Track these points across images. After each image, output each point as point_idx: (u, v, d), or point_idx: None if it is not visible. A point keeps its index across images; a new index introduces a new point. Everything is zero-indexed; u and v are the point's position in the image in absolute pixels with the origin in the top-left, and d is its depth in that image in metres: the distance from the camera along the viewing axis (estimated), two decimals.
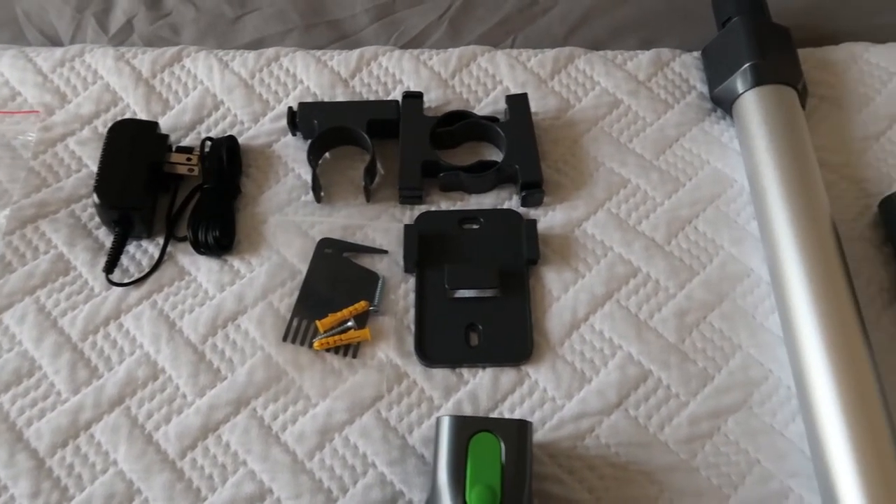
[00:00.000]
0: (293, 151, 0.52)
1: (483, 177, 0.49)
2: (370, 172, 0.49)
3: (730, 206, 0.49)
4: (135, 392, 0.43)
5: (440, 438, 0.36)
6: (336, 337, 0.44)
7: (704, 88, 0.54)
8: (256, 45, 0.57)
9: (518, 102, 0.50)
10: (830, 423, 0.39)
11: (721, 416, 0.43)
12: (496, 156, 0.51)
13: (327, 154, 0.52)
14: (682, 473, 0.41)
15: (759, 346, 0.45)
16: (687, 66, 0.55)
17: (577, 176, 0.51)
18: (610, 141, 0.52)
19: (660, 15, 0.59)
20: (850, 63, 0.55)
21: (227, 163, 0.50)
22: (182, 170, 0.50)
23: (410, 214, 0.49)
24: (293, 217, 0.49)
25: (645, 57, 0.55)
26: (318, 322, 0.44)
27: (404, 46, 0.57)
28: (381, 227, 0.49)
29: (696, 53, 0.55)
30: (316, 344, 0.44)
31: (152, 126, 0.50)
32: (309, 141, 0.50)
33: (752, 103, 0.49)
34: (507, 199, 0.50)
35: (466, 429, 0.36)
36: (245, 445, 0.42)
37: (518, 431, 0.36)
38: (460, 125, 0.50)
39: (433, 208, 0.49)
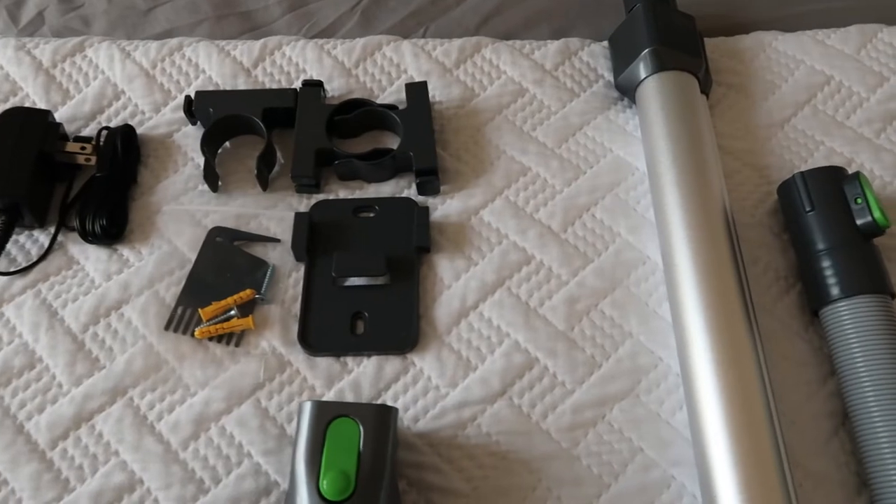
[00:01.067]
0: (193, 141, 0.51)
1: (378, 164, 0.48)
2: (265, 160, 0.48)
3: (629, 193, 0.49)
4: (9, 381, 0.42)
5: (300, 424, 0.36)
6: (218, 325, 0.43)
7: (612, 77, 0.53)
8: (166, 35, 0.57)
9: (417, 90, 0.50)
10: (709, 412, 0.39)
11: (606, 405, 0.42)
12: (396, 145, 0.50)
13: (227, 143, 0.51)
14: (562, 462, 0.40)
15: (651, 333, 0.44)
16: (595, 56, 0.54)
17: (476, 164, 0.50)
18: (512, 129, 0.51)
19: (573, 5, 0.58)
20: (759, 51, 0.54)
21: (122, 152, 0.49)
22: (79, 159, 0.49)
23: (307, 203, 0.49)
24: (187, 206, 0.49)
25: (553, 46, 0.55)
26: (200, 311, 0.44)
27: (316, 37, 0.57)
28: (277, 216, 0.48)
29: (606, 43, 0.55)
30: (197, 332, 0.43)
31: (44, 114, 0.49)
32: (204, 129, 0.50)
33: (651, 89, 0.49)
34: (406, 188, 0.49)
35: (326, 414, 0.35)
36: (118, 435, 0.41)
37: (378, 416, 0.36)
38: (357, 113, 0.50)
39: (331, 197, 0.49)
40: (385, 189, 0.49)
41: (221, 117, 0.49)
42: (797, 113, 0.52)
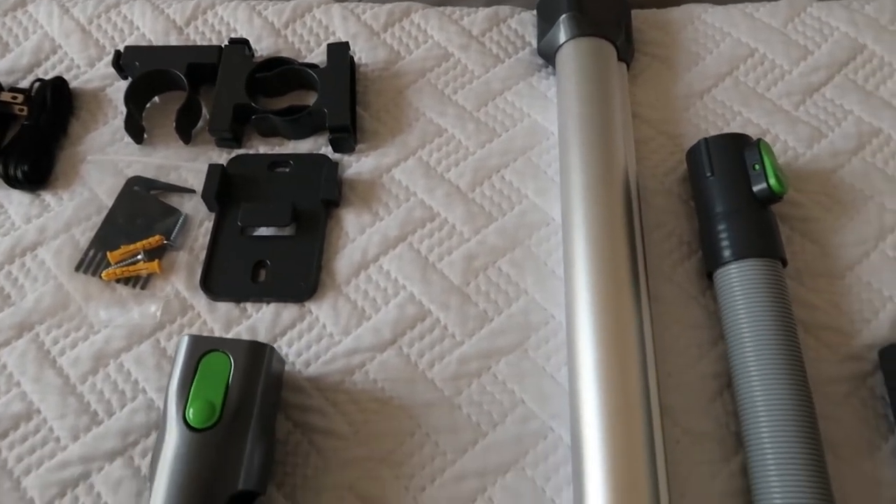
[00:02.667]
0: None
1: (294, 120, 0.49)
2: (186, 114, 0.50)
3: (542, 157, 0.49)
4: None
5: (176, 356, 0.37)
6: (124, 268, 0.45)
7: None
8: None
9: (338, 50, 0.51)
10: (584, 367, 0.39)
11: (493, 357, 0.43)
12: None
13: (156, 98, 0.53)
14: (442, 410, 0.41)
15: (546, 292, 0.45)
16: (524, 24, 0.55)
17: (394, 125, 0.51)
18: (433, 92, 0.52)
19: None
20: (687, 23, 0.54)
21: (51, 103, 0.51)
22: (13, 109, 0.51)
23: (227, 158, 0.50)
24: (112, 156, 0.50)
25: (482, 13, 0.55)
26: (108, 254, 0.45)
27: None
28: (196, 169, 0.49)
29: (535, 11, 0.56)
30: (104, 274, 0.45)
31: None
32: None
33: (568, 55, 0.50)
34: (324, 146, 0.50)
35: (200, 347, 0.37)
36: (20, 367, 0.43)
37: (250, 352, 0.37)
38: (278, 71, 0.51)
39: (251, 152, 0.51)
40: (303, 146, 0.50)
41: (146, 72, 0.50)
42: (718, 84, 0.52)
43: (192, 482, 0.34)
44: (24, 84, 0.53)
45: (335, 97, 0.49)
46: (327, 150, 0.50)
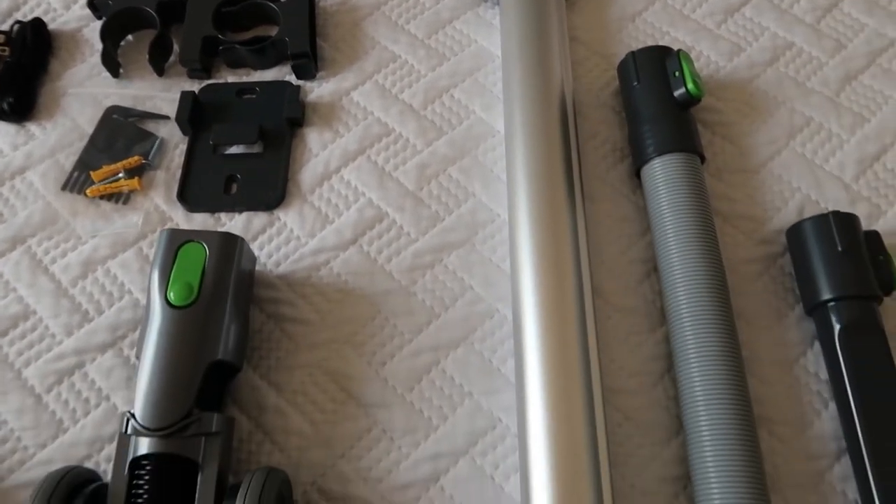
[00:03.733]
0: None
1: (259, 50, 0.53)
2: (158, 48, 0.54)
3: (487, 77, 0.54)
4: None
5: (157, 248, 0.41)
6: (107, 185, 0.49)
7: None
8: None
9: None
10: (523, 254, 0.44)
11: (444, 251, 0.47)
12: None
13: (130, 37, 0.57)
14: (399, 296, 0.46)
15: (491, 194, 0.49)
16: None
17: (352, 53, 0.55)
18: (388, 23, 0.56)
19: None
20: None
21: (31, 42, 0.55)
22: None
23: (198, 87, 0.54)
24: (90, 89, 0.54)
25: None
26: (92, 173, 0.50)
27: None
28: (170, 98, 0.53)
29: None
30: (89, 191, 0.49)
31: None
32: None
33: None
34: (288, 74, 0.55)
35: (177, 239, 0.41)
36: (15, 275, 0.47)
37: (223, 241, 0.41)
38: (242, 5, 0.55)
39: (220, 81, 0.55)
40: (268, 75, 0.55)
41: (119, 9, 0.54)
42: (648, 7, 0.56)
43: (176, 354, 0.38)
44: (4, 27, 0.57)
45: (296, 27, 0.53)
46: (291, 78, 0.54)
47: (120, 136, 0.51)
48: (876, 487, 0.38)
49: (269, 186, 0.49)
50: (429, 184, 0.50)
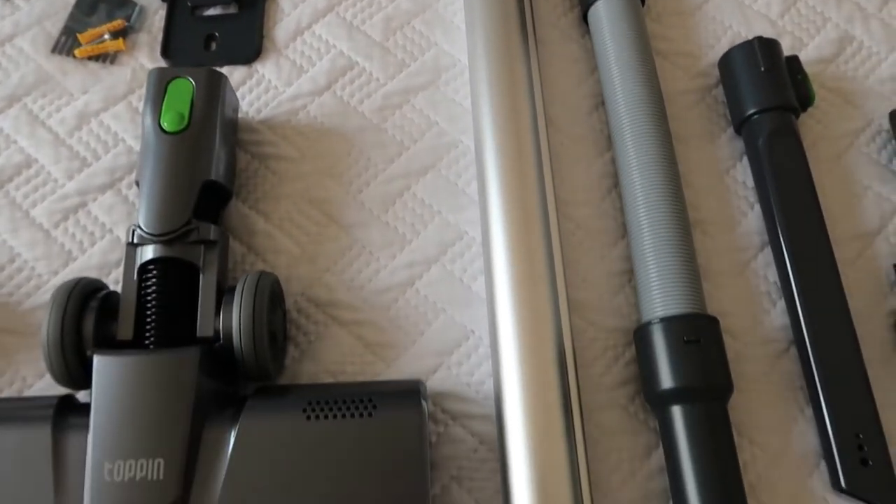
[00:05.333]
0: None
1: None
2: None
3: None
4: None
5: (147, 85, 0.45)
6: (94, 46, 0.53)
7: None
8: None
9: None
10: (482, 93, 0.48)
11: (411, 93, 0.52)
12: None
13: None
14: (371, 133, 0.51)
15: (453, 43, 0.54)
16: None
17: None
18: None
19: None
20: None
21: None
22: None
23: None
24: None
25: None
26: (79, 35, 0.53)
27: None
28: None
29: None
30: (77, 52, 0.53)
31: None
32: None
33: None
34: None
35: (166, 75, 0.45)
36: (15, 129, 0.51)
37: (209, 76, 0.45)
38: None
39: None
40: None
41: None
42: None
43: (173, 172, 0.43)
44: None
45: None
46: None
47: (102, 3, 0.55)
48: (792, 269, 0.45)
49: (246, 42, 0.53)
50: (394, 34, 0.54)
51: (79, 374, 0.39)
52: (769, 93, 0.48)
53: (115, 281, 0.46)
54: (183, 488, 0.36)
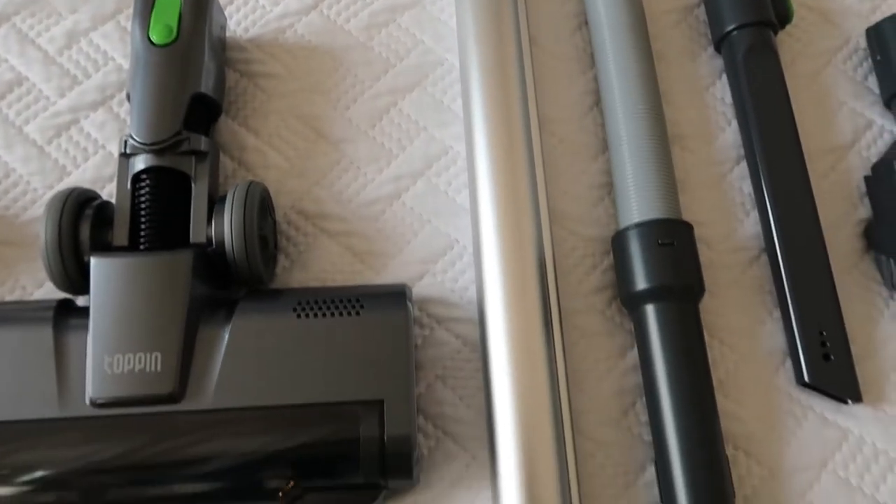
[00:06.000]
0: None
1: None
2: None
3: None
4: None
5: (135, 1, 0.46)
6: None
7: None
8: None
9: None
10: (469, 14, 0.49)
11: (397, 12, 0.52)
12: None
13: None
14: (358, 51, 0.51)
15: None
16: None
17: None
18: None
19: None
20: None
21: None
22: None
23: None
24: None
25: None
26: None
27: None
28: None
29: None
30: None
31: None
32: None
33: None
34: None
35: None
36: (5, 48, 0.51)
37: None
38: None
39: None
40: None
41: None
42: None
43: (163, 84, 0.43)
44: None
45: None
46: None
47: None
48: (765, 180, 0.46)
49: None
50: None
51: (77, 279, 0.41)
52: (748, 9, 0.49)
53: (109, 195, 0.47)
54: (180, 381, 0.38)
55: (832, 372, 0.42)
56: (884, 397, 0.43)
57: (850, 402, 0.42)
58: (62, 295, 0.44)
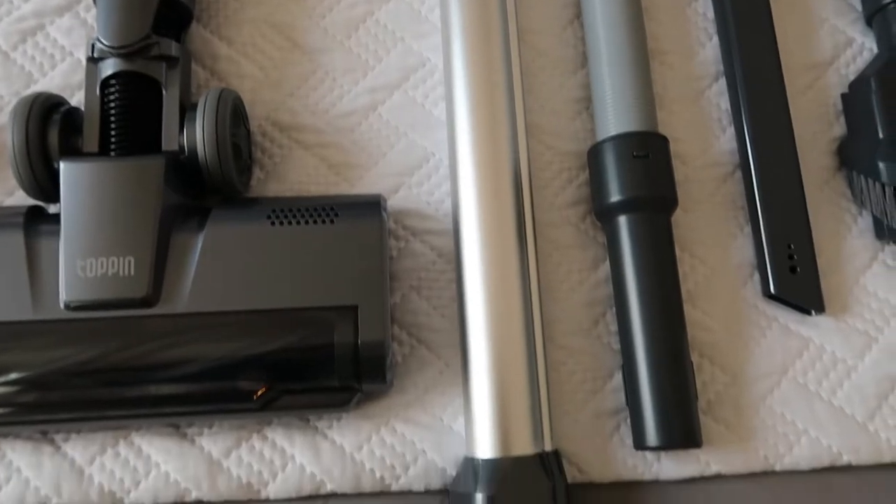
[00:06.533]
0: None
1: None
2: None
3: None
4: None
5: None
6: None
7: None
8: None
9: None
10: None
11: None
12: None
13: None
14: None
15: None
16: None
17: None
18: None
19: None
20: None
21: None
22: None
23: None
24: None
25: None
26: None
27: None
28: None
29: None
30: None
31: None
32: None
33: None
34: None
35: None
36: None
37: None
38: None
39: None
40: None
41: None
42: None
43: None
44: None
45: None
46: None
47: None
48: (743, 95, 0.46)
49: None
50: None
51: (47, 185, 0.41)
52: None
53: (78, 103, 0.46)
54: (154, 285, 0.38)
55: (798, 284, 0.43)
56: (846, 309, 0.44)
57: (813, 313, 0.43)
58: (33, 202, 0.43)
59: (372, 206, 0.41)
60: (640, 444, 0.40)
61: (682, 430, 0.39)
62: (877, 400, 0.42)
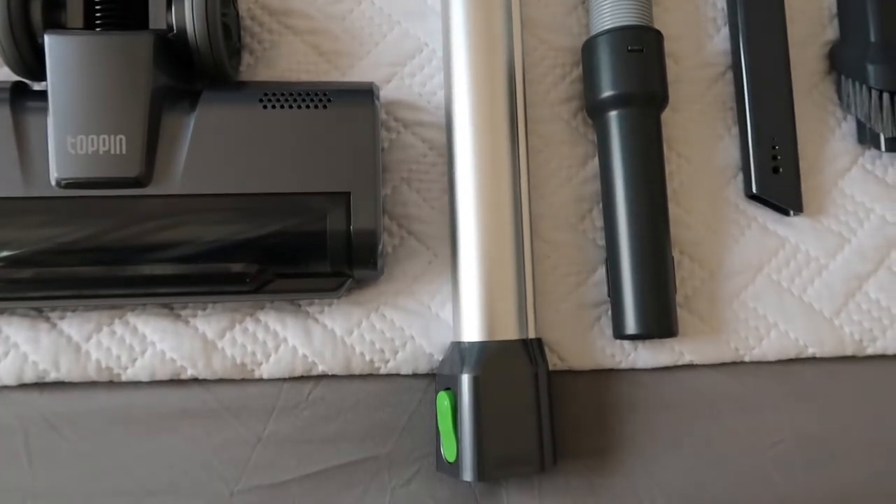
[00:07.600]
0: None
1: None
2: None
3: None
4: None
5: None
6: None
7: None
8: None
9: None
10: None
11: None
12: None
13: None
14: None
15: None
16: None
17: None
18: None
19: None
20: None
21: None
22: None
23: None
24: None
25: None
26: None
27: None
28: None
29: None
30: None
31: None
32: None
33: None
34: None
35: None
36: None
37: None
38: None
39: None
40: None
41: None
42: None
43: None
44: None
45: None
46: None
47: None
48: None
49: None
50: None
51: (32, 62, 0.39)
52: None
53: None
54: (146, 165, 0.38)
55: (779, 184, 0.44)
56: (823, 210, 0.45)
57: (791, 213, 0.45)
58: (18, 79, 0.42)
59: (365, 94, 0.41)
60: (619, 333, 0.42)
61: (659, 321, 0.41)
62: (844, 297, 0.44)
